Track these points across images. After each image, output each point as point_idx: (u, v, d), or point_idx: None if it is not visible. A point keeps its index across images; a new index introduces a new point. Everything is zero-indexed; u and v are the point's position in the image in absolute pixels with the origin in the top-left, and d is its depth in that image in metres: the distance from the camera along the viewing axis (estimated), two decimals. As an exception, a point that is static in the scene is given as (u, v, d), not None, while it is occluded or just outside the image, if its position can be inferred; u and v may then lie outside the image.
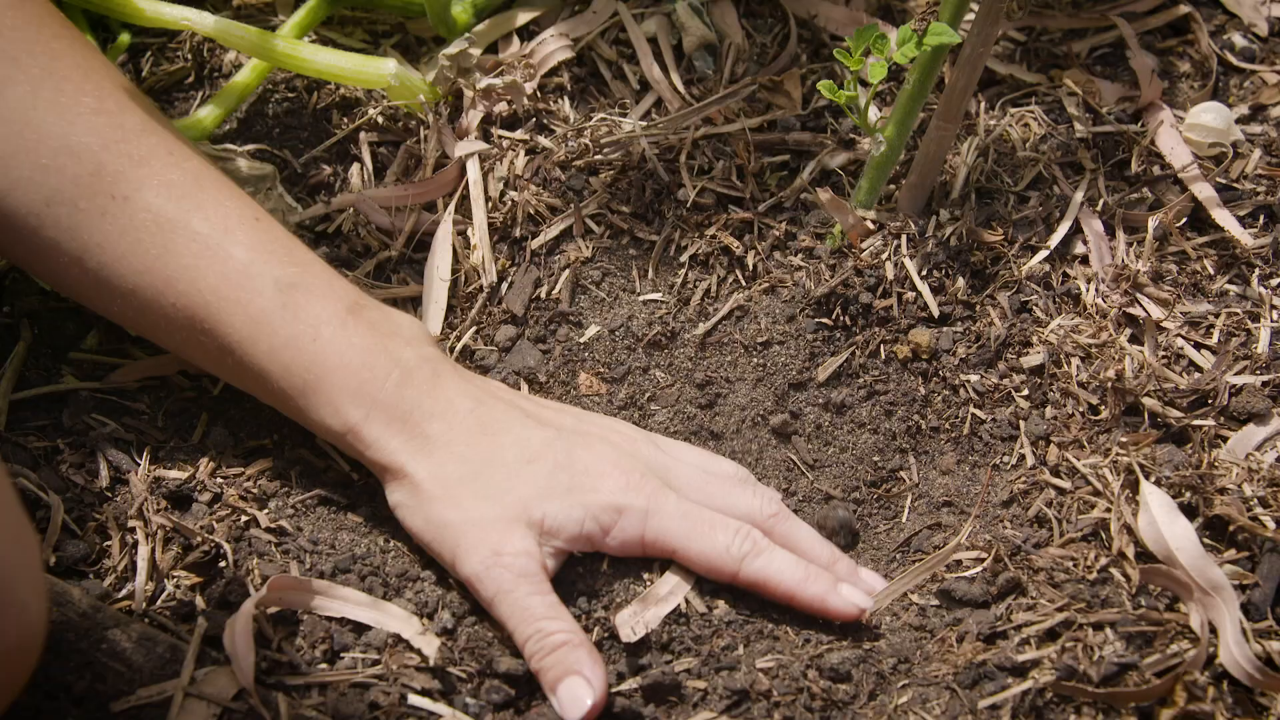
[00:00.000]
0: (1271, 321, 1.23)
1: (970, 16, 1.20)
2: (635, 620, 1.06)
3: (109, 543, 1.09)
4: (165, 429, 1.18)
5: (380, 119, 1.36)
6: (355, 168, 1.34)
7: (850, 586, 1.10)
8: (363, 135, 1.35)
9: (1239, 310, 1.24)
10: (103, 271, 1.06)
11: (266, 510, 1.13)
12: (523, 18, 1.40)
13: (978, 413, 1.23)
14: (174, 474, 1.13)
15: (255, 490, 1.14)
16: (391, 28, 1.43)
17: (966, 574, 1.14)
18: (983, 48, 1.18)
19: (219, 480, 1.14)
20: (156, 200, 1.07)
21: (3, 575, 0.84)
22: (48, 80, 1.07)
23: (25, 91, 1.06)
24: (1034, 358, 1.23)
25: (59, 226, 1.05)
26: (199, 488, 1.13)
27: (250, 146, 1.33)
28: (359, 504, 1.16)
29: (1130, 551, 1.11)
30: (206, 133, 1.32)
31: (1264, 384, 1.19)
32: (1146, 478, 1.14)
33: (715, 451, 1.22)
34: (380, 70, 1.31)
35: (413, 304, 1.28)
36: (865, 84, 1.28)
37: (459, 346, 1.26)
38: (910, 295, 1.26)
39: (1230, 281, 1.27)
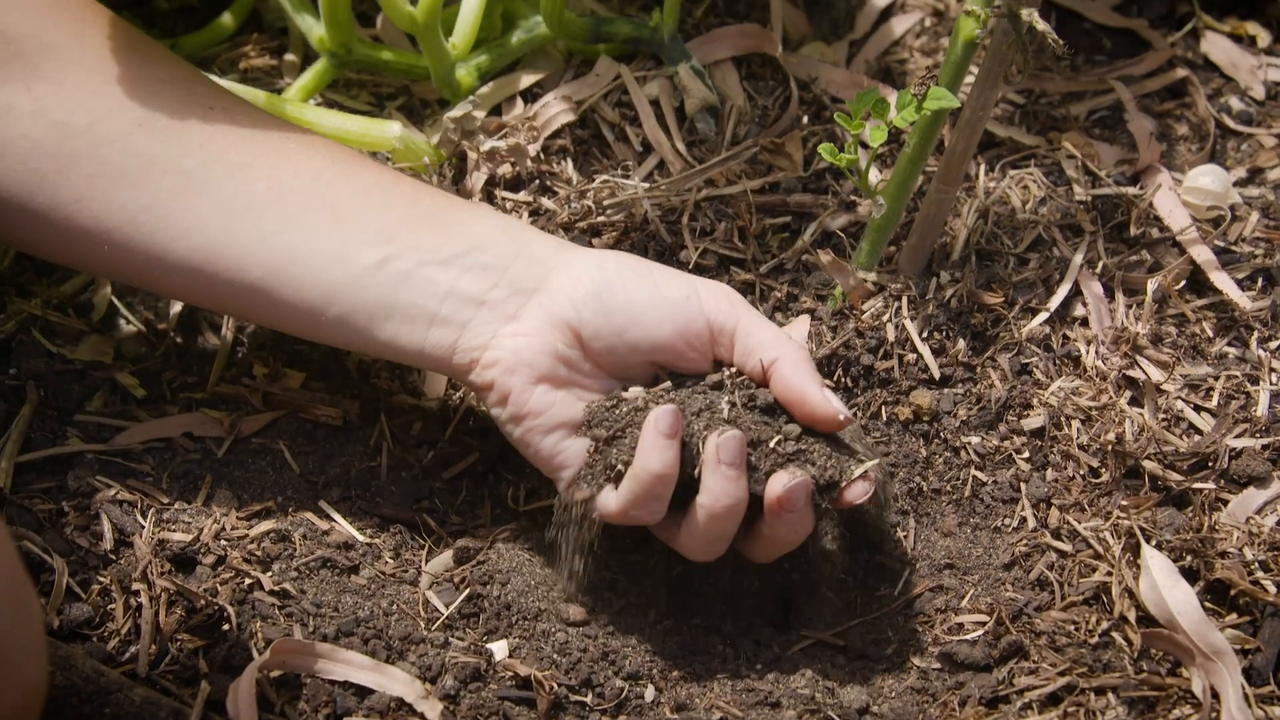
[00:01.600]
0: (1271, 384, 1.23)
1: (969, 80, 1.21)
2: None
3: (113, 606, 1.09)
4: (169, 491, 1.18)
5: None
6: (360, 229, 1.35)
7: None
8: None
9: (1238, 373, 1.24)
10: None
11: (270, 573, 1.13)
12: (526, 80, 1.41)
13: (979, 475, 1.23)
14: (178, 536, 1.14)
15: (259, 552, 1.14)
16: (396, 90, 1.45)
17: (968, 637, 1.14)
18: (982, 111, 1.19)
19: (223, 543, 1.14)
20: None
21: (3, 639, 0.84)
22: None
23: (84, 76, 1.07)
24: (1035, 420, 1.23)
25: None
26: (203, 550, 1.13)
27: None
28: (362, 566, 1.16)
29: (1132, 615, 1.11)
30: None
31: (1264, 447, 1.19)
32: (1148, 541, 1.14)
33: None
34: (385, 132, 1.32)
35: (416, 369, 1.28)
36: (866, 147, 1.29)
37: (462, 408, 1.26)
38: (911, 357, 1.27)
39: (1229, 344, 1.27)
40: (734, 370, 1.09)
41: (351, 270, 1.07)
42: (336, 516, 1.19)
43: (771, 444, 1.05)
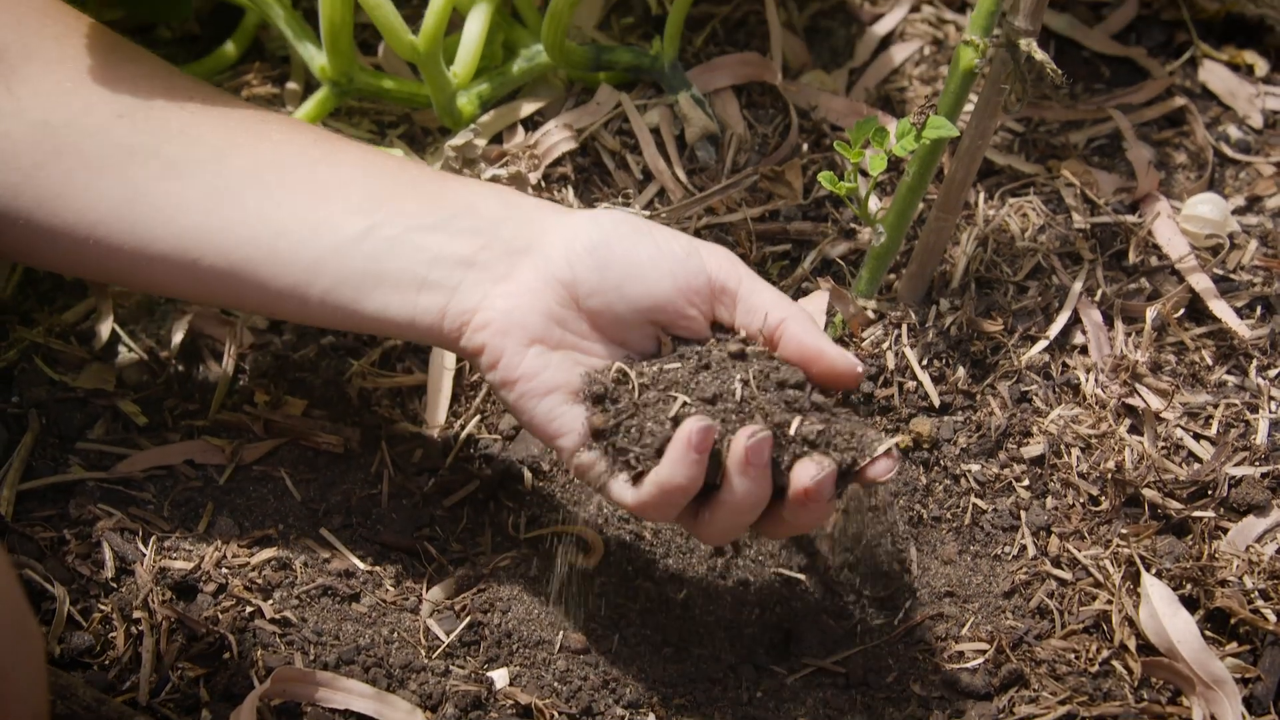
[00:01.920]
0: (1270, 413, 1.24)
1: (969, 108, 1.22)
2: None
3: (113, 634, 1.09)
4: (171, 519, 1.18)
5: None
6: (361, 257, 1.35)
7: None
8: (369, 225, 1.37)
9: (1237, 401, 1.25)
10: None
11: (271, 601, 1.13)
12: (527, 108, 1.42)
13: (979, 502, 1.24)
14: (179, 564, 1.14)
15: (260, 580, 1.14)
16: (398, 118, 1.45)
17: (969, 665, 1.14)
18: (981, 140, 1.20)
19: (224, 570, 1.14)
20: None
21: (4, 668, 0.84)
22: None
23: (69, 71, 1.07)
24: (1034, 448, 1.24)
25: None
26: (204, 578, 1.13)
27: (257, 236, 1.35)
28: (363, 594, 1.16)
29: (1132, 644, 1.11)
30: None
31: (1263, 475, 1.20)
32: (1147, 569, 1.14)
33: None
34: (387, 162, 1.32)
35: (417, 392, 1.29)
36: (865, 175, 1.30)
37: (463, 435, 1.26)
38: (911, 385, 1.27)
39: (1228, 372, 1.28)
40: (742, 336, 1.05)
41: (336, 239, 1.04)
42: (337, 544, 1.19)
43: (793, 429, 0.99)
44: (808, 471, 0.98)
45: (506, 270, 1.04)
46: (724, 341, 1.05)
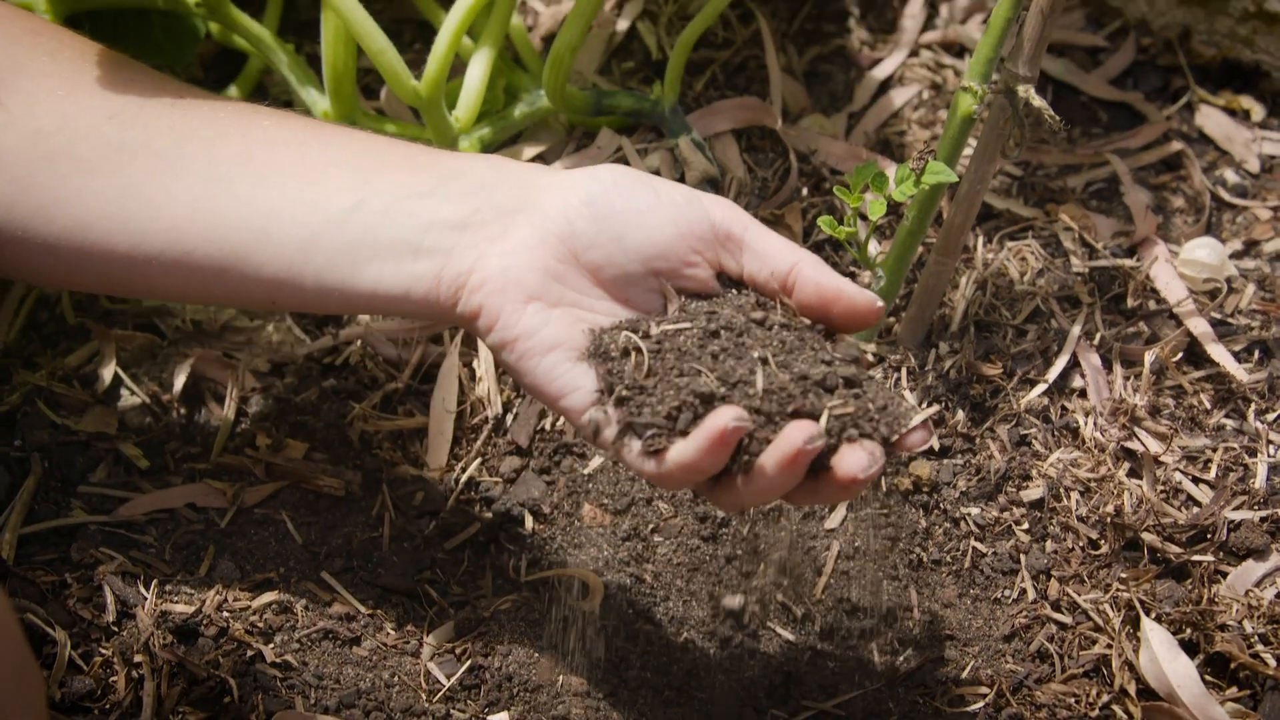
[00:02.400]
0: (1269, 456, 1.24)
1: (968, 152, 1.22)
2: None
3: (114, 678, 1.09)
4: (172, 562, 1.18)
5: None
6: (363, 300, 1.36)
7: None
8: (371, 268, 1.37)
9: (1236, 445, 1.25)
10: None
11: (272, 644, 1.14)
12: (529, 152, 1.43)
13: (979, 546, 1.24)
14: (180, 608, 1.14)
15: (261, 624, 1.15)
16: (400, 162, 1.46)
17: (970, 709, 1.14)
18: (980, 185, 1.21)
19: (225, 614, 1.14)
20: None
21: (5, 712, 0.84)
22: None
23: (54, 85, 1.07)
24: (1034, 491, 1.24)
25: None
26: (205, 622, 1.13)
27: (260, 280, 1.35)
28: (364, 638, 1.16)
29: (1132, 689, 1.11)
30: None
31: (1262, 519, 1.20)
32: (1147, 614, 1.14)
33: (719, 581, 1.22)
34: (389, 205, 1.33)
35: (419, 435, 1.29)
36: (865, 219, 1.30)
37: (464, 478, 1.27)
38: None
39: (1227, 416, 1.28)
40: (752, 295, 1.00)
41: (328, 214, 1.02)
42: (338, 587, 1.19)
43: (829, 408, 0.93)
44: (859, 462, 0.92)
45: (501, 230, 1.01)
46: (735, 296, 1.00)
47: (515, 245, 1.00)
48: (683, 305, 1.00)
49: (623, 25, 1.55)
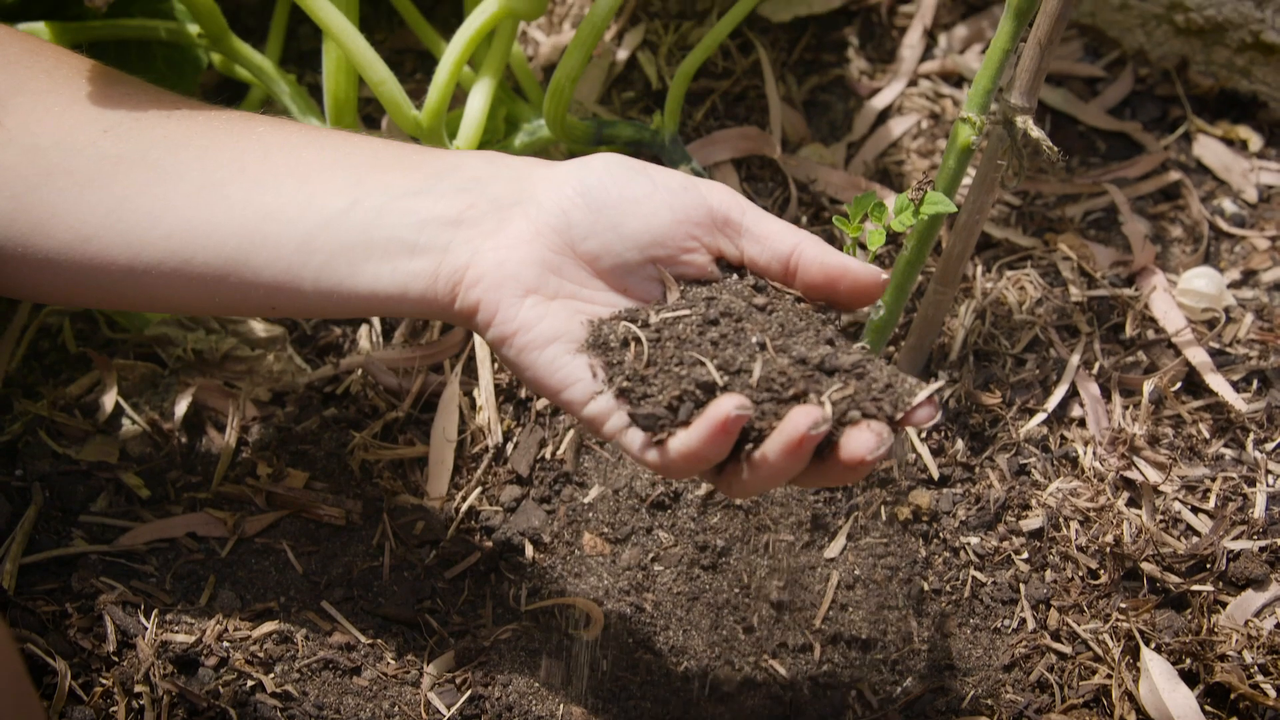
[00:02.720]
0: (1267, 486, 1.24)
1: (967, 182, 1.23)
2: None
3: (114, 708, 1.09)
4: (173, 591, 1.18)
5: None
6: (364, 330, 1.37)
7: None
8: (372, 298, 1.38)
9: (1235, 475, 1.25)
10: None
11: (272, 674, 1.14)
12: (529, 182, 1.43)
13: (978, 575, 1.24)
14: (180, 638, 1.14)
15: (261, 654, 1.15)
16: (401, 191, 1.46)
17: (969, 739, 1.14)
18: (979, 215, 1.21)
19: (225, 644, 1.15)
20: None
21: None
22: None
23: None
24: (1033, 521, 1.24)
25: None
26: (205, 652, 1.13)
27: (261, 309, 1.36)
28: (364, 667, 1.16)
29: (1132, 719, 1.11)
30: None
31: (1261, 549, 1.20)
32: (1147, 644, 1.14)
33: (720, 611, 1.22)
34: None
35: (419, 464, 1.29)
36: (864, 248, 1.31)
37: (464, 507, 1.27)
38: (910, 456, 1.28)
39: (1226, 445, 1.28)
40: (750, 279, 0.99)
41: (324, 215, 1.01)
42: (339, 617, 1.19)
43: (832, 390, 0.91)
44: (866, 443, 0.90)
45: (496, 224, 1.00)
46: (734, 281, 0.99)
47: (511, 239, 0.99)
48: (682, 292, 0.99)
49: (623, 55, 1.56)
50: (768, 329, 0.95)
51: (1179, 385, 1.31)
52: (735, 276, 0.99)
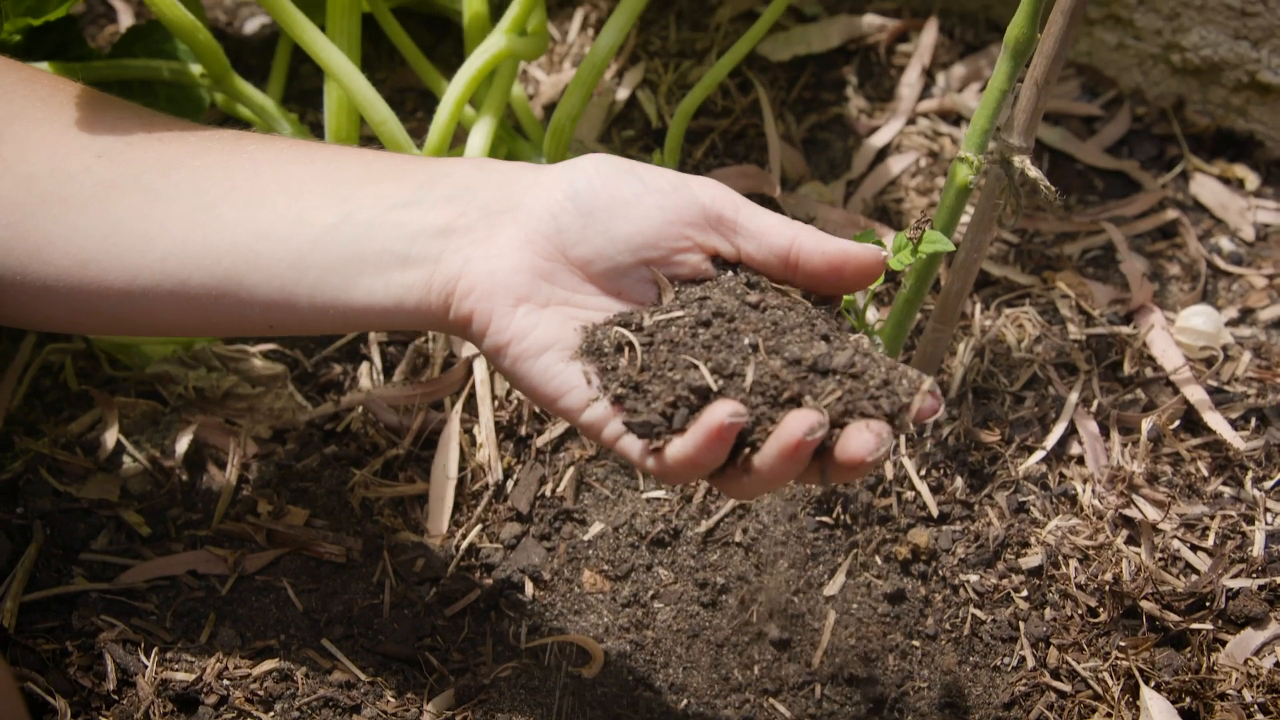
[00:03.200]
0: (1266, 524, 1.25)
1: (965, 219, 1.23)
2: None
3: (114, 746, 1.09)
4: (173, 629, 1.18)
5: (390, 319, 1.39)
6: (365, 367, 1.37)
7: None
8: (372, 336, 1.38)
9: (1234, 513, 1.25)
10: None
11: (272, 713, 1.14)
12: (529, 220, 1.44)
13: (978, 613, 1.24)
14: (181, 676, 1.14)
15: (261, 692, 1.15)
16: (402, 229, 1.47)
17: (969, 778, 1.14)
18: (977, 253, 1.22)
19: (225, 682, 1.14)
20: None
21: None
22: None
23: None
24: (1032, 559, 1.24)
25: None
26: (205, 690, 1.13)
27: (263, 347, 1.36)
28: (364, 705, 1.16)
29: (1132, 758, 1.11)
30: (220, 333, 1.35)
31: (1260, 588, 1.20)
32: (1146, 682, 1.14)
33: (720, 648, 1.22)
34: (391, 273, 1.34)
35: (420, 502, 1.29)
36: (863, 287, 1.31)
37: (464, 544, 1.27)
38: (910, 494, 1.28)
39: (1224, 483, 1.28)
40: (743, 276, 0.98)
41: (315, 230, 1.01)
42: (339, 655, 1.19)
43: (828, 393, 0.90)
44: (865, 444, 0.89)
45: (487, 232, 0.99)
46: (727, 279, 0.98)
47: (501, 248, 0.98)
48: (676, 293, 0.97)
49: (623, 94, 1.57)
50: (760, 329, 0.94)
51: (1177, 423, 1.32)
52: (730, 274, 0.98)
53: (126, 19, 1.73)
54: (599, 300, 0.99)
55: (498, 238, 0.98)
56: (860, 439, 0.89)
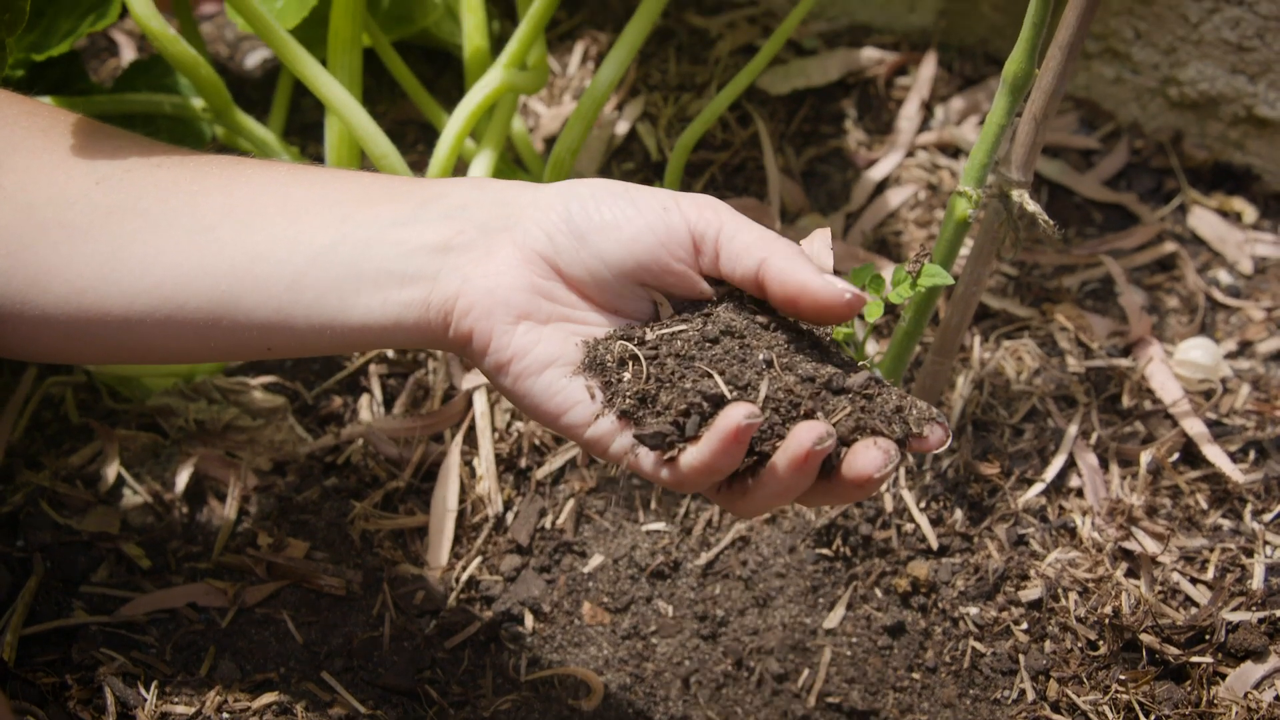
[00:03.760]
0: (1266, 557, 1.25)
1: (965, 252, 1.24)
2: None
3: (114, 780, 1.09)
4: (173, 662, 1.18)
5: (390, 352, 1.39)
6: (365, 399, 1.37)
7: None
8: (373, 368, 1.39)
9: (1233, 546, 1.25)
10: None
11: (271, 746, 1.14)
12: (530, 252, 1.44)
13: (978, 645, 1.24)
14: (180, 709, 1.14)
15: (260, 726, 1.15)
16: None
17: (969, 812, 1.14)
18: (976, 286, 1.22)
19: (225, 716, 1.14)
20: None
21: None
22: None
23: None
24: (1032, 591, 1.24)
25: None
26: (205, 723, 1.14)
27: (264, 379, 1.37)
28: (363, 739, 1.17)
29: (1132, 792, 1.11)
30: (223, 365, 1.35)
31: (1260, 621, 1.20)
32: (1146, 716, 1.14)
33: (720, 681, 1.22)
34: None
35: (420, 534, 1.29)
36: (862, 319, 1.32)
37: (465, 577, 1.27)
38: (909, 527, 1.28)
39: (1224, 516, 1.29)
40: (745, 297, 0.98)
41: (312, 250, 1.00)
42: (339, 688, 1.19)
43: (840, 410, 0.91)
44: (873, 461, 0.89)
45: (485, 251, 0.98)
46: (728, 299, 0.97)
47: (499, 265, 0.97)
48: (676, 311, 0.97)
49: (623, 127, 1.58)
50: (774, 346, 0.94)
51: (1176, 456, 1.32)
52: (730, 295, 0.97)
53: (129, 54, 1.74)
54: (597, 317, 0.98)
55: (496, 256, 0.98)
56: (869, 455, 0.89)
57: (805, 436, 0.88)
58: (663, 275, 0.97)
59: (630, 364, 0.93)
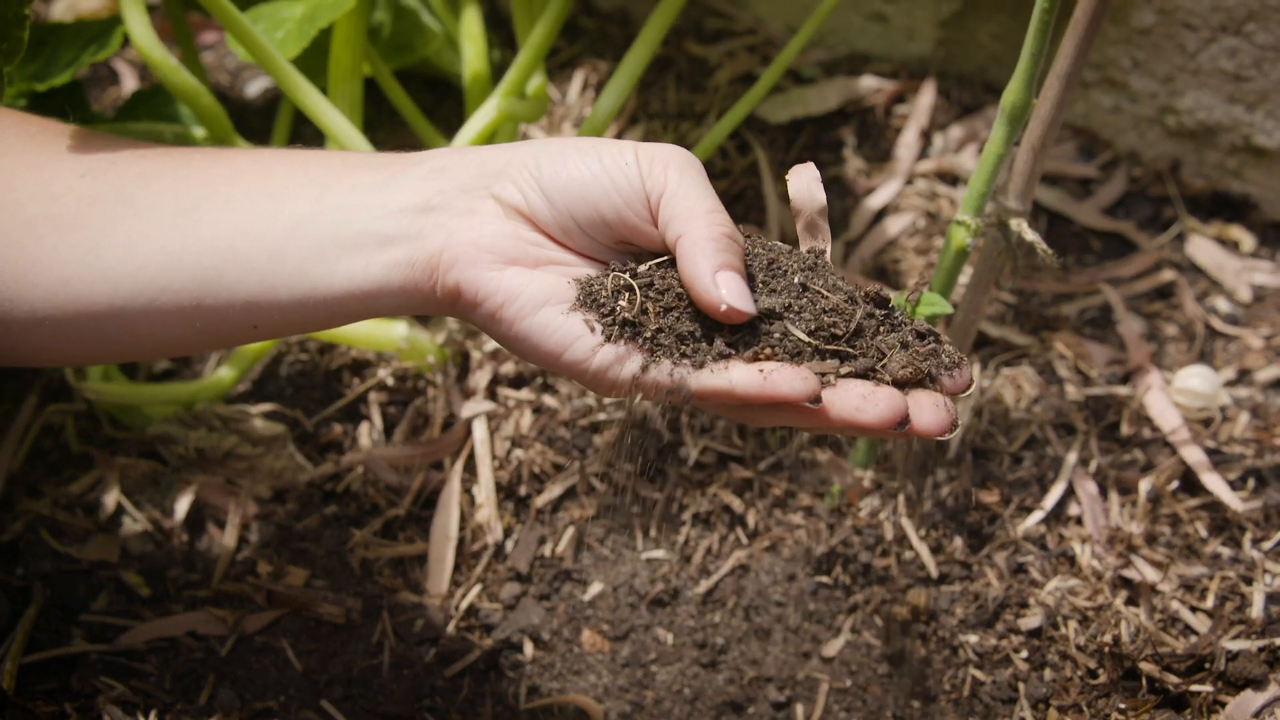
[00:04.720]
0: (1265, 585, 1.25)
1: (964, 280, 1.24)
2: None
3: (113, 809, 1.09)
4: (172, 691, 1.18)
5: (390, 380, 1.39)
6: (365, 427, 1.37)
7: None
8: (373, 395, 1.39)
9: (1232, 574, 1.25)
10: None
11: (271, 775, 1.13)
12: (530, 280, 1.44)
13: (977, 674, 1.24)
14: (179, 737, 1.14)
15: (260, 754, 1.15)
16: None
17: (970, 841, 1.14)
18: (974, 314, 1.22)
19: (224, 744, 1.15)
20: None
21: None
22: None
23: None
24: (1032, 619, 1.24)
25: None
26: (204, 752, 1.14)
27: (264, 407, 1.37)
28: (363, 768, 1.16)
29: (1133, 821, 1.11)
30: (223, 393, 1.35)
31: (1260, 649, 1.20)
32: (1147, 745, 1.14)
33: (719, 709, 1.22)
34: (391, 334, 1.35)
35: (419, 562, 1.29)
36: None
37: (464, 605, 1.27)
38: (909, 554, 1.28)
39: (1223, 544, 1.29)
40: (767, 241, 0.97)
41: (293, 219, 1.00)
42: (338, 716, 1.19)
43: (893, 366, 0.91)
44: (936, 419, 0.90)
45: (467, 208, 0.98)
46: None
47: (482, 219, 0.97)
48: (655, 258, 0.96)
49: (623, 155, 1.58)
50: (793, 269, 0.94)
51: (1176, 484, 1.32)
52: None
53: (131, 83, 1.75)
54: (588, 266, 0.98)
55: (479, 212, 0.98)
56: (932, 413, 0.90)
57: (882, 402, 0.89)
58: (634, 236, 0.97)
59: (625, 294, 0.93)
